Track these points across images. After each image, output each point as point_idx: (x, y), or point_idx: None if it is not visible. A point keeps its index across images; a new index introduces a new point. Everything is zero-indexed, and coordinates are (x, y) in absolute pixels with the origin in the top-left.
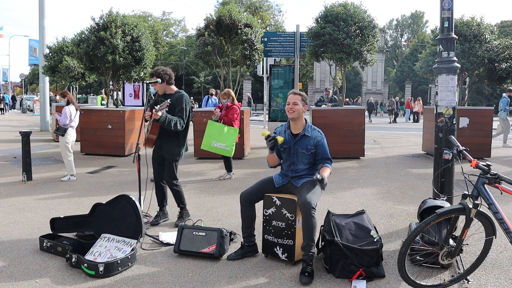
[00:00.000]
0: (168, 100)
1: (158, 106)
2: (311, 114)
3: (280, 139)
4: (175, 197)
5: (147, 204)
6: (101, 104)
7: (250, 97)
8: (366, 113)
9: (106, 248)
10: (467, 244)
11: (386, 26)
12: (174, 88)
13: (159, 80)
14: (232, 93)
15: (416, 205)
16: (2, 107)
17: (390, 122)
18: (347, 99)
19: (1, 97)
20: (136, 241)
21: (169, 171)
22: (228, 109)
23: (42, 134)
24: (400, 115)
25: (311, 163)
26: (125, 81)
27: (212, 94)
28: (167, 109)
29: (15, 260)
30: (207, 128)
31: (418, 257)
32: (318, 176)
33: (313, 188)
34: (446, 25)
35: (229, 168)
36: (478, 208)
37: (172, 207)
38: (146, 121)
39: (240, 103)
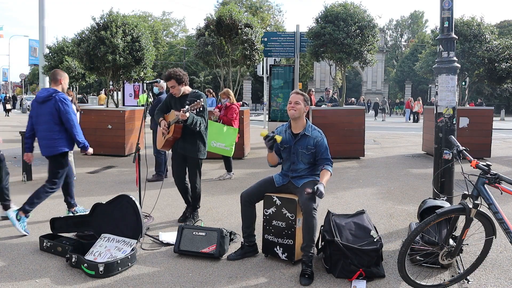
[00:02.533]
0: (201, 100)
1: (188, 106)
2: (311, 114)
3: (278, 138)
4: (194, 196)
5: (149, 205)
6: (147, 103)
7: (246, 102)
8: (372, 112)
9: (106, 248)
10: (467, 244)
11: (386, 26)
12: (189, 88)
13: (159, 80)
14: (231, 93)
15: (416, 205)
16: (10, 108)
17: (382, 120)
18: (353, 99)
19: (9, 97)
20: (136, 241)
21: (195, 171)
22: (227, 109)
23: None
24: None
25: (311, 163)
26: (125, 81)
27: (207, 95)
28: (201, 108)
29: (15, 260)
30: None
31: (418, 257)
32: (309, 190)
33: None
34: (446, 25)
35: (229, 168)
36: (478, 208)
37: (175, 208)
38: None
39: (239, 103)
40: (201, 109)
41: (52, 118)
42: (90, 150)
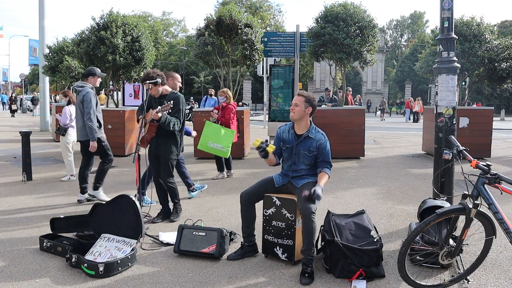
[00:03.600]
0: (171, 102)
1: (160, 107)
2: None
3: (270, 150)
4: (171, 194)
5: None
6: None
7: (246, 102)
8: (379, 112)
9: (106, 248)
10: (467, 244)
11: (386, 26)
12: (168, 88)
13: (159, 80)
14: (230, 93)
15: (416, 205)
16: (15, 108)
17: (382, 120)
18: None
19: (14, 97)
20: (136, 241)
21: (166, 170)
22: (224, 109)
23: (42, 134)
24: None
25: (312, 164)
26: (125, 81)
27: (211, 95)
28: (169, 110)
29: (15, 260)
30: (204, 128)
31: (418, 257)
32: (306, 193)
33: None
34: (446, 25)
35: (221, 168)
36: (478, 208)
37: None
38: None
39: (235, 103)
40: (169, 111)
41: None
42: (194, 134)
